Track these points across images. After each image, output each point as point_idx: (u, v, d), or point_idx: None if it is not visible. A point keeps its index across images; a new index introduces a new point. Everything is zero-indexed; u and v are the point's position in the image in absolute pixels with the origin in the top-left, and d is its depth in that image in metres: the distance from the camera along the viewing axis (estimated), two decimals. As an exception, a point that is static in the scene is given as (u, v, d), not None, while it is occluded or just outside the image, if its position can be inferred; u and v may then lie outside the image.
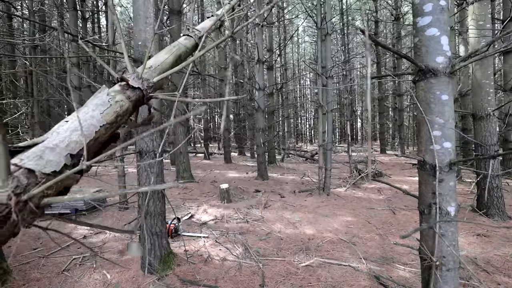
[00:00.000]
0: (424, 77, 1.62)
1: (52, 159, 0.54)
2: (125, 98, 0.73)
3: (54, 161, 0.54)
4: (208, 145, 15.14)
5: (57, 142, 0.57)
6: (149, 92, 0.80)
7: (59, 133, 0.60)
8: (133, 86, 0.75)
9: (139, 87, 0.77)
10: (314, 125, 29.06)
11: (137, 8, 2.74)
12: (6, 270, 2.65)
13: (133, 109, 0.77)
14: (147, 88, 0.78)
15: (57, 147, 0.56)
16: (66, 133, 0.60)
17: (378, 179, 1.94)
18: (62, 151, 0.57)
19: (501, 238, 3.59)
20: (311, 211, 4.95)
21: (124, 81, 0.76)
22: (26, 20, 11.99)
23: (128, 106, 0.74)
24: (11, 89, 11.22)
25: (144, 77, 0.80)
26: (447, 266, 1.59)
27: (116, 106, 0.71)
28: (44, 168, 0.52)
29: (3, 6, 8.81)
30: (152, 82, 0.81)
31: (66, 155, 0.57)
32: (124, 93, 0.74)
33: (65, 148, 0.57)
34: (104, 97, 0.71)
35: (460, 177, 7.40)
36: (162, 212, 2.98)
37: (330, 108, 6.21)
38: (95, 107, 0.68)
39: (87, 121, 0.64)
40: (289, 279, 2.69)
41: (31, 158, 0.52)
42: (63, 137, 0.59)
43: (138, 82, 0.77)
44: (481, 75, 4.43)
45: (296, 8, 17.00)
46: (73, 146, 0.59)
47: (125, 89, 0.75)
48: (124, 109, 0.73)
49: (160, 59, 0.93)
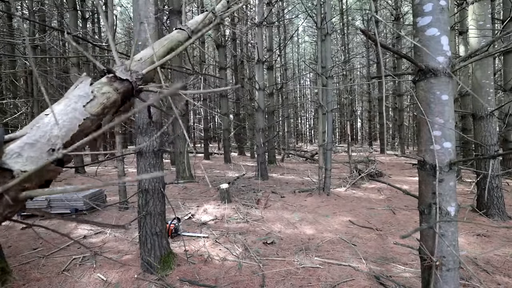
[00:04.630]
0: (424, 77, 1.62)
1: (32, 155, 0.51)
2: (112, 90, 0.72)
3: (35, 157, 0.51)
4: (208, 145, 15.13)
5: (37, 137, 0.54)
6: (138, 84, 0.78)
7: (39, 127, 0.56)
8: (120, 78, 0.74)
9: (127, 79, 0.75)
10: (314, 125, 29.06)
11: (137, 8, 2.74)
12: (6, 270, 2.65)
13: (122, 101, 0.76)
14: (136, 80, 0.77)
15: (38, 142, 0.53)
16: (47, 127, 0.57)
17: (378, 179, 1.94)
18: (43, 146, 0.54)
19: (501, 238, 3.59)
20: (311, 211, 4.95)
21: (111, 73, 0.75)
22: (26, 20, 11.98)
23: (116, 98, 0.72)
24: (11, 89, 11.22)
25: (133, 69, 0.79)
26: (447, 266, 1.59)
27: (103, 98, 0.69)
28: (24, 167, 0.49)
29: (3, 6, 8.81)
30: (141, 74, 0.79)
31: (48, 150, 0.54)
32: (111, 85, 0.73)
33: (46, 143, 0.54)
34: (87, 88, 0.68)
35: (460, 177, 7.40)
36: (162, 212, 2.98)
37: (330, 108, 6.21)
38: (78, 98, 0.65)
39: (68, 114, 0.61)
40: (289, 279, 2.69)
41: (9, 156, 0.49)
42: (44, 131, 0.56)
43: (126, 74, 0.76)
44: (481, 75, 4.43)
45: (296, 8, 17.01)
46: (54, 141, 0.56)
47: (112, 81, 0.73)
48: (112, 101, 0.71)
49: (150, 52, 0.92)
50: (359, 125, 28.50)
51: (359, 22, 22.47)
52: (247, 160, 13.53)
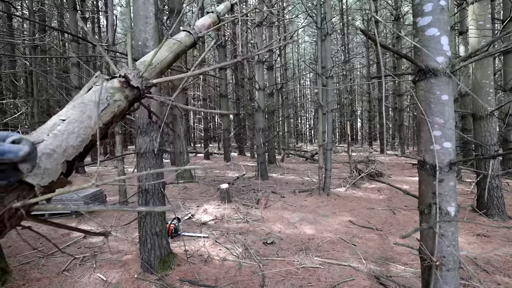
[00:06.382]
0: (424, 77, 1.62)
1: (49, 168, 0.49)
2: (123, 97, 0.70)
3: (51, 169, 0.49)
4: (208, 145, 15.13)
5: (54, 146, 0.51)
6: (146, 92, 0.78)
7: (56, 136, 0.53)
8: (133, 85, 0.73)
9: (138, 87, 0.74)
10: (314, 125, 29.06)
11: (137, 8, 2.74)
12: (6, 270, 2.65)
13: (128, 109, 0.75)
14: (145, 88, 0.76)
15: (55, 152, 0.51)
16: (63, 135, 0.54)
17: (378, 179, 1.94)
18: (59, 157, 0.51)
19: (501, 238, 3.59)
20: (311, 211, 4.95)
21: (124, 78, 0.73)
22: (26, 20, 11.98)
23: (125, 106, 0.71)
24: (11, 89, 11.22)
25: (145, 76, 0.78)
26: (447, 266, 1.59)
27: (114, 106, 0.67)
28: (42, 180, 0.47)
29: (3, 6, 8.81)
30: (150, 83, 0.78)
31: (63, 162, 0.51)
32: (123, 91, 0.71)
33: (62, 154, 0.52)
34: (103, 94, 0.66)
35: (460, 177, 7.40)
36: (162, 212, 2.98)
37: (330, 108, 6.21)
38: (93, 105, 0.63)
39: (84, 122, 0.59)
40: (289, 279, 2.69)
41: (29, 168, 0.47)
42: (60, 140, 0.53)
43: (138, 81, 0.74)
44: (481, 75, 4.43)
45: (296, 8, 17.00)
46: (71, 152, 0.53)
47: (125, 87, 0.71)
48: (121, 109, 0.70)
49: (161, 57, 0.91)
50: (359, 125, 28.49)
51: (359, 22, 22.47)
52: (247, 160, 13.52)
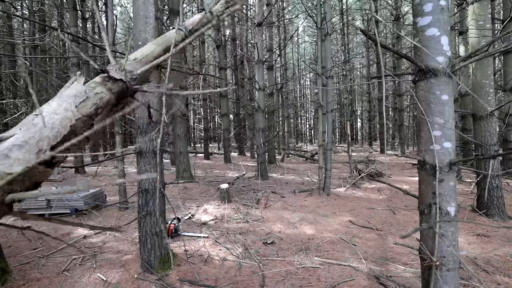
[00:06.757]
0: (424, 77, 1.62)
1: (20, 158, 0.50)
2: (105, 90, 0.71)
3: (22, 159, 0.50)
4: (208, 145, 15.13)
5: (26, 138, 0.53)
6: (133, 85, 0.77)
7: (28, 129, 0.55)
8: (114, 77, 0.73)
9: (121, 79, 0.74)
10: (314, 125, 29.06)
11: (137, 8, 2.74)
12: (6, 270, 2.65)
13: (116, 101, 0.75)
14: (130, 80, 0.76)
15: (27, 144, 0.52)
16: (36, 127, 0.56)
17: (378, 179, 1.94)
18: (32, 148, 0.52)
19: (501, 238, 3.59)
20: (311, 211, 4.95)
21: (105, 73, 0.73)
22: (26, 20, 11.98)
23: (109, 98, 0.71)
24: (11, 89, 11.23)
25: (128, 69, 0.78)
26: (447, 266, 1.59)
27: (96, 98, 0.68)
28: (10, 168, 0.48)
29: (3, 6, 8.81)
30: (135, 74, 0.78)
31: (37, 152, 0.53)
32: (105, 85, 0.72)
33: (35, 145, 0.53)
34: (80, 88, 0.67)
35: (460, 177, 7.40)
36: (162, 212, 2.98)
37: (330, 108, 6.21)
38: (70, 98, 0.64)
39: (59, 114, 0.60)
40: (289, 279, 2.69)
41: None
42: (33, 132, 0.55)
43: (121, 73, 0.74)
44: (481, 75, 4.43)
45: (296, 8, 17.00)
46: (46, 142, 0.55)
47: (106, 81, 0.72)
48: (105, 101, 0.70)
49: (146, 51, 0.90)
50: (359, 125, 28.50)
51: (359, 22, 22.47)
52: (247, 160, 13.53)
